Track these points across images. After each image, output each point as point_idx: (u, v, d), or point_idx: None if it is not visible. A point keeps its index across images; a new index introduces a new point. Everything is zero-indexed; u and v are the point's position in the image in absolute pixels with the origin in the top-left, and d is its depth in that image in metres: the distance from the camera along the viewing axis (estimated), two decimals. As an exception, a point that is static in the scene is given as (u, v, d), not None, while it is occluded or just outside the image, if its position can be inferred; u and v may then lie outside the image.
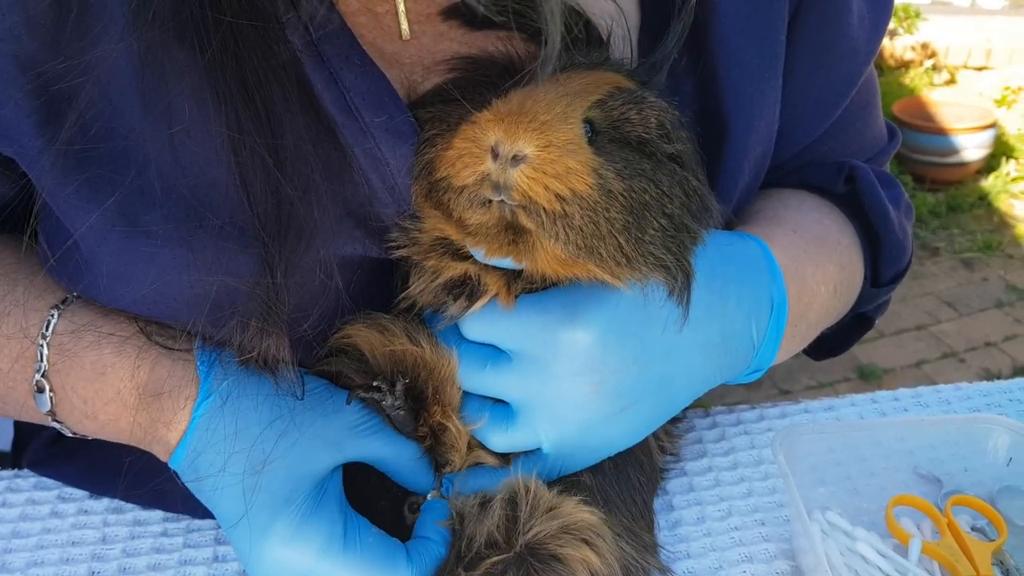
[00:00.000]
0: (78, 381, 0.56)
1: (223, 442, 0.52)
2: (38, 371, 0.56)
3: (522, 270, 0.54)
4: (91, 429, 0.58)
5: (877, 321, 0.82)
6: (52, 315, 0.56)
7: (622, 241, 0.51)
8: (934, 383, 0.82)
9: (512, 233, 0.51)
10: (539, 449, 0.56)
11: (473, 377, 0.55)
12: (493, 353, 0.55)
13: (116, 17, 0.48)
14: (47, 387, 0.56)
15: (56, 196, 0.52)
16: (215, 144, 0.49)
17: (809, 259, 0.67)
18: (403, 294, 0.57)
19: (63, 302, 0.57)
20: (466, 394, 0.56)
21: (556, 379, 0.53)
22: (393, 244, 0.56)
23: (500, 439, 0.55)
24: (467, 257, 0.54)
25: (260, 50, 0.48)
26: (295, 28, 0.50)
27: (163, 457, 0.55)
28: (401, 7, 0.56)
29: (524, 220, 0.49)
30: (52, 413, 0.58)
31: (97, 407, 0.56)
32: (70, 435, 0.59)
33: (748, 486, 0.70)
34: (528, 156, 0.48)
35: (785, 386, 2.49)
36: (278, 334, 0.52)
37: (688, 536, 0.65)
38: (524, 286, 0.54)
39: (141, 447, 0.57)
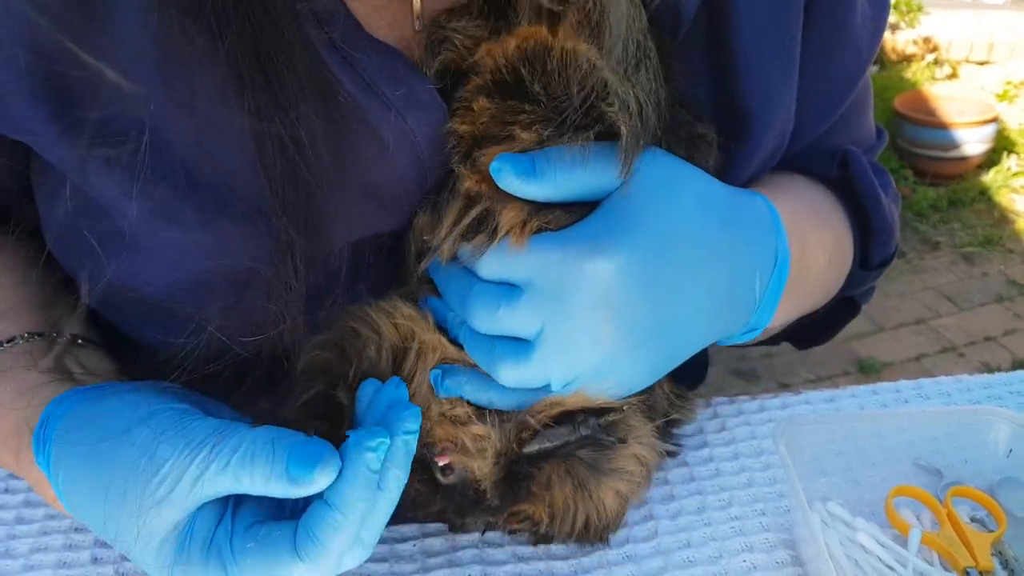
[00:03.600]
0: None
1: (87, 517, 0.50)
2: None
3: (540, 205, 0.53)
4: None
5: (864, 307, 0.83)
6: None
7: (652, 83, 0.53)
8: (934, 377, 0.83)
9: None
10: (548, 387, 0.55)
11: (487, 317, 0.54)
12: (507, 291, 0.54)
13: (132, 2, 0.48)
14: None
15: (74, 175, 0.52)
16: (235, 129, 0.49)
17: (808, 224, 0.67)
18: (427, 244, 0.57)
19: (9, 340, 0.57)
20: (477, 338, 0.55)
21: (572, 312, 0.52)
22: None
23: (510, 373, 0.54)
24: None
25: (277, 37, 0.48)
26: (306, 17, 0.50)
27: None
28: (417, 3, 0.56)
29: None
30: None
31: None
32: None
33: (749, 476, 0.70)
34: None
35: (785, 379, 2.50)
36: (295, 318, 0.51)
37: (689, 526, 0.65)
38: (540, 224, 0.54)
39: None
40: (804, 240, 0.66)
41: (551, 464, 0.57)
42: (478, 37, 0.54)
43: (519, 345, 0.54)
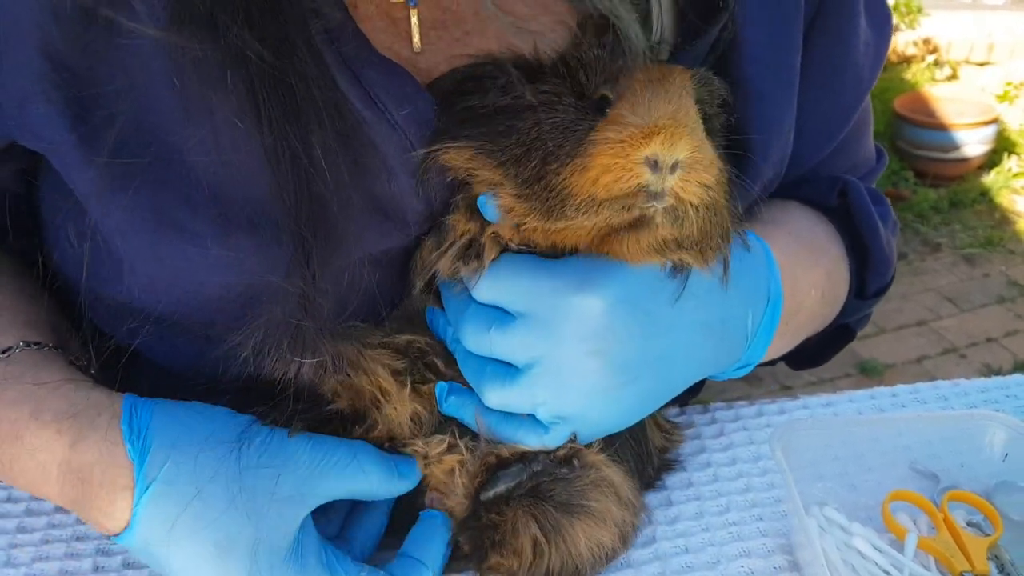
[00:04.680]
0: None
1: (183, 530, 0.49)
2: None
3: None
4: (20, 487, 0.56)
5: (858, 331, 0.83)
6: None
7: (723, 223, 0.54)
8: (935, 379, 0.83)
9: (625, 230, 0.52)
10: (532, 417, 0.56)
11: (478, 338, 0.55)
12: (500, 315, 0.55)
13: (145, 15, 0.48)
14: None
15: (87, 191, 0.51)
16: (248, 143, 0.49)
17: (801, 262, 0.68)
18: (422, 265, 0.59)
19: (5, 350, 0.55)
20: (469, 356, 0.57)
21: (561, 343, 0.53)
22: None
23: (496, 395, 0.55)
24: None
25: (291, 54, 0.48)
26: (317, 32, 0.51)
27: (102, 532, 0.52)
28: (414, 20, 0.56)
29: (659, 218, 0.51)
30: None
31: (15, 472, 0.53)
32: None
33: (746, 482, 0.70)
34: (682, 161, 0.49)
35: (787, 382, 2.49)
36: (316, 332, 0.51)
37: (687, 531, 0.66)
38: (519, 243, 0.56)
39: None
40: (796, 278, 0.66)
41: (512, 509, 0.56)
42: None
43: (508, 369, 0.55)
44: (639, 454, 0.64)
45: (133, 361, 0.59)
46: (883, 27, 0.75)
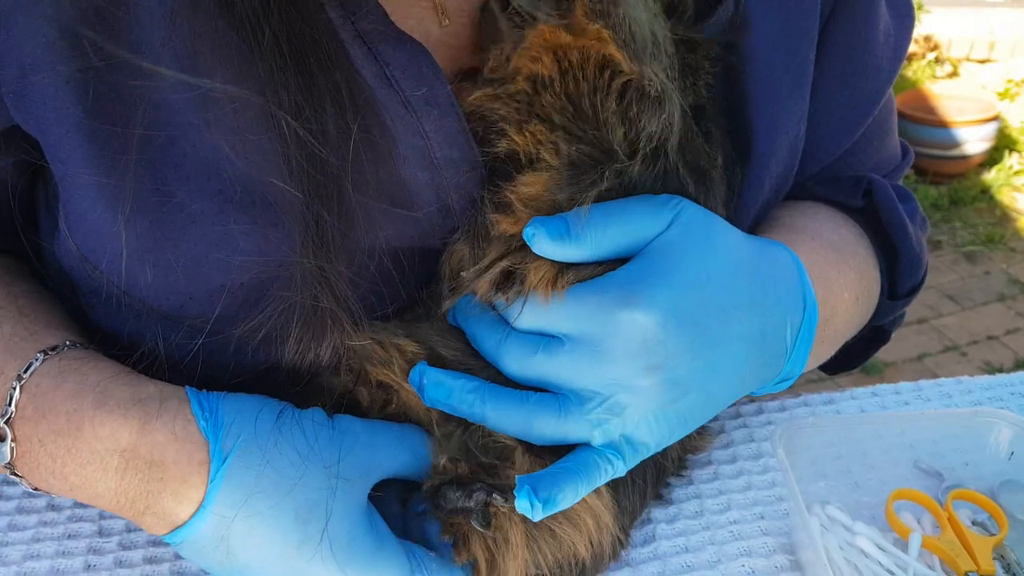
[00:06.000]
0: (48, 434, 0.51)
1: (262, 498, 0.48)
2: (3, 416, 0.51)
3: (570, 264, 0.52)
4: (59, 489, 0.52)
5: (893, 331, 0.82)
6: (36, 358, 0.52)
7: None
8: (936, 377, 0.82)
9: None
10: (587, 444, 0.53)
11: (523, 363, 0.52)
12: (544, 340, 0.52)
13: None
14: (9, 436, 0.51)
15: (81, 176, 0.50)
16: (254, 117, 0.48)
17: (831, 265, 0.66)
18: (452, 279, 0.56)
19: (53, 348, 0.53)
20: (505, 393, 0.53)
21: (612, 362, 0.50)
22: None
23: (551, 428, 0.51)
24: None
25: (298, 23, 0.47)
26: (332, 4, 0.49)
27: (157, 529, 0.50)
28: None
29: None
30: (11, 466, 0.52)
31: (68, 467, 0.51)
32: (30, 490, 0.54)
33: (747, 480, 0.69)
34: None
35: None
36: (334, 315, 0.50)
37: (687, 530, 0.65)
38: (574, 279, 0.52)
39: (120, 515, 0.52)
40: (829, 282, 0.65)
41: (467, 520, 0.54)
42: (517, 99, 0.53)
43: (555, 398, 0.52)
44: (657, 472, 0.63)
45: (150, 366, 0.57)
46: (905, 17, 0.73)
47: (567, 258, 0.52)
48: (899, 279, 0.76)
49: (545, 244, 0.51)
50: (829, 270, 0.66)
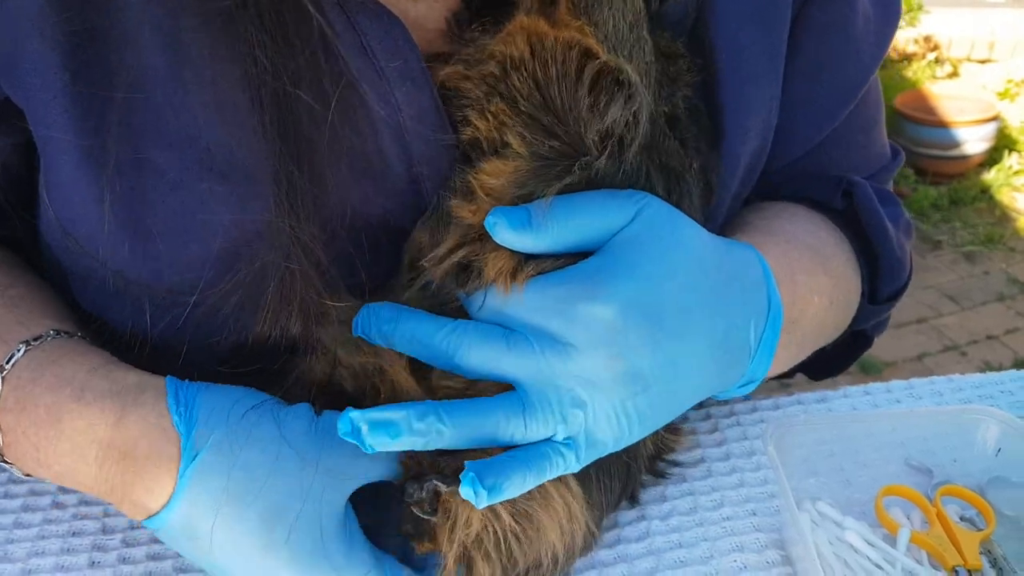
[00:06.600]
0: (30, 425, 0.52)
1: (228, 499, 0.48)
2: None
3: (530, 256, 0.52)
4: (45, 475, 0.54)
5: (876, 336, 0.82)
6: (19, 349, 0.54)
7: None
8: (934, 376, 0.83)
9: None
10: (551, 439, 0.52)
11: (482, 356, 0.51)
12: (505, 332, 0.51)
13: None
14: None
15: (64, 140, 0.51)
16: (231, 82, 0.48)
17: (801, 269, 0.66)
18: (422, 261, 0.55)
19: (36, 338, 0.55)
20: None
21: (573, 355, 0.50)
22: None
23: (519, 430, 0.50)
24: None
25: None
26: None
27: (135, 516, 0.51)
28: None
29: None
30: (0, 454, 0.54)
31: (50, 456, 0.52)
32: (22, 476, 0.56)
33: (740, 476, 0.70)
34: None
35: (788, 379, 2.50)
36: (307, 276, 0.50)
37: (680, 526, 0.66)
38: (535, 271, 0.52)
39: (105, 500, 0.53)
40: (797, 287, 0.64)
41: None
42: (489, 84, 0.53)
43: (517, 396, 0.51)
44: (626, 473, 0.62)
45: (155, 355, 0.58)
46: (889, 6, 0.72)
47: (528, 248, 0.51)
48: (880, 283, 0.75)
49: (506, 234, 0.50)
50: (798, 273, 0.65)
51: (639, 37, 0.53)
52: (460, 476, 0.49)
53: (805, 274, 0.66)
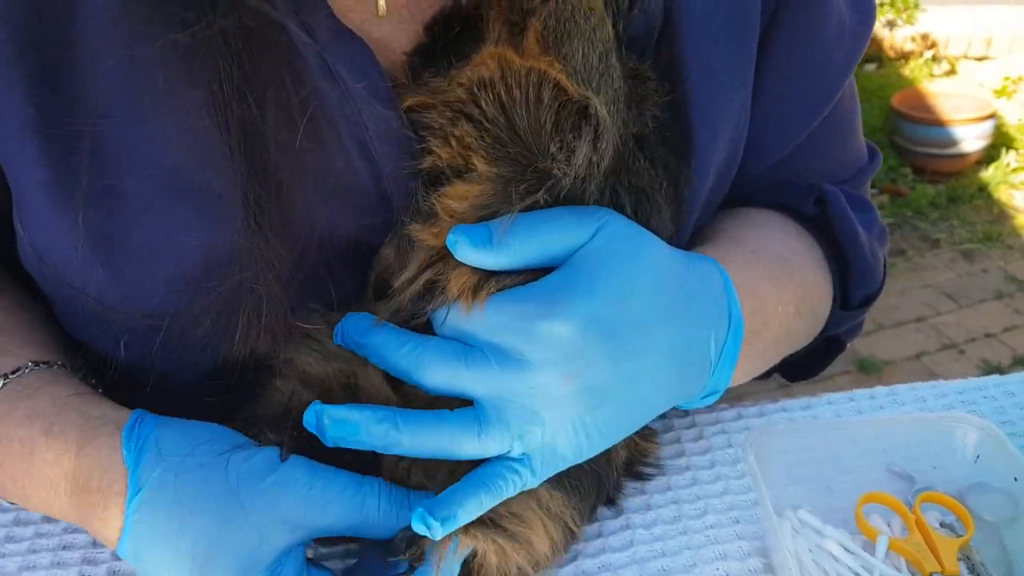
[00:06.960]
0: (5, 459, 0.53)
1: (163, 537, 0.49)
2: None
3: (492, 273, 0.53)
4: (26, 506, 0.55)
5: (849, 341, 0.82)
6: None
7: None
8: (934, 375, 0.84)
9: None
10: (507, 455, 0.53)
11: (441, 373, 0.51)
12: (464, 349, 0.52)
13: None
14: None
15: (31, 172, 0.51)
16: (197, 107, 0.49)
17: (767, 279, 0.67)
18: (388, 285, 0.56)
19: (15, 371, 0.56)
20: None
21: (531, 371, 0.50)
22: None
23: (473, 444, 0.51)
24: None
25: (243, 14, 0.47)
26: None
27: (107, 546, 0.52)
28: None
29: None
30: None
31: (28, 489, 0.53)
32: (7, 504, 0.57)
33: (724, 484, 0.71)
34: None
35: (783, 379, 2.50)
36: (275, 296, 0.50)
37: (664, 535, 0.66)
38: (496, 288, 0.53)
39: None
40: (761, 297, 0.65)
41: None
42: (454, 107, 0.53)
43: (474, 412, 0.51)
44: (597, 479, 0.63)
45: (132, 380, 0.59)
46: (864, 13, 0.72)
47: (489, 265, 0.52)
48: (851, 290, 0.76)
49: (467, 251, 0.51)
50: (763, 283, 0.66)
51: (608, 65, 0.53)
52: (412, 514, 0.50)
53: (771, 283, 0.67)
